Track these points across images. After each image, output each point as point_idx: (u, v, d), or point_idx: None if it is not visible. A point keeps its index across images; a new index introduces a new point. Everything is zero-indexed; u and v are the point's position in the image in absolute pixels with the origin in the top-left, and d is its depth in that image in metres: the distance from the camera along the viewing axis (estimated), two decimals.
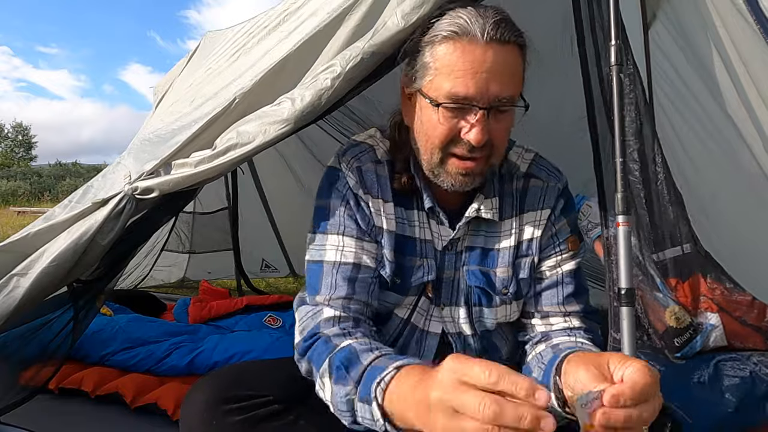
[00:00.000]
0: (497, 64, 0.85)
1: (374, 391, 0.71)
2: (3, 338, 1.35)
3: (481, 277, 1.00)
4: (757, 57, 1.11)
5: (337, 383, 0.79)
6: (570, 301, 1.00)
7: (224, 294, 3.02)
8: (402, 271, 1.00)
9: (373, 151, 1.03)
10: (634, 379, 0.61)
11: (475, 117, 0.86)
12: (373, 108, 2.26)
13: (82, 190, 1.38)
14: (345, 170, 1.00)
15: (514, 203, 1.03)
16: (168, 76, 2.13)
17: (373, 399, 0.71)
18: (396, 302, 1.01)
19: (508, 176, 1.04)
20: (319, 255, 0.97)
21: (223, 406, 0.87)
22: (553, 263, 1.01)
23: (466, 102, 0.85)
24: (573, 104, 1.45)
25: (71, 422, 1.66)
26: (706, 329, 0.98)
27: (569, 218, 1.04)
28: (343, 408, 0.77)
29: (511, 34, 0.86)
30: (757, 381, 0.92)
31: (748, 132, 1.26)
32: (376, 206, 0.99)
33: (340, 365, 0.79)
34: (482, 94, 0.85)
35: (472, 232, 1.02)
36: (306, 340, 0.91)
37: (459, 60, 0.85)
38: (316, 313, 0.93)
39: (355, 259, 0.95)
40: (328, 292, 0.94)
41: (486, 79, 0.84)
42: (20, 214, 11.95)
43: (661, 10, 1.47)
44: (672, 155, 1.49)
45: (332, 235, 0.97)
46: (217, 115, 1.22)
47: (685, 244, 1.01)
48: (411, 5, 1.00)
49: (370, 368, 0.76)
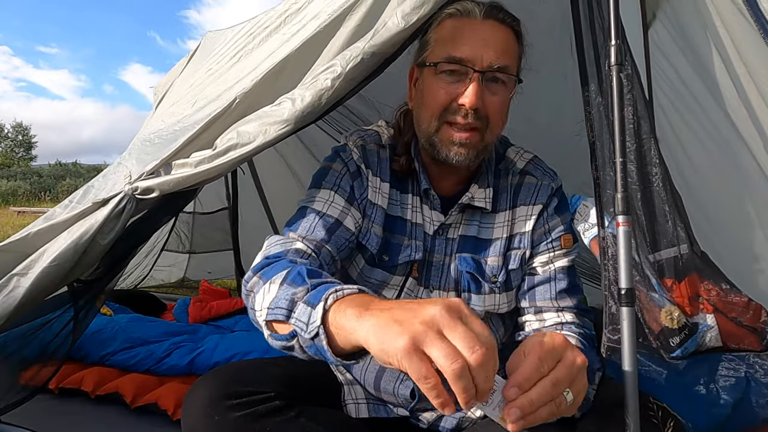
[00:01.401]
0: (493, 35, 0.94)
1: (327, 296, 0.66)
2: (3, 338, 1.35)
3: (471, 263, 1.03)
4: (757, 57, 1.11)
5: (286, 285, 0.74)
6: (563, 296, 1.01)
7: (224, 294, 3.02)
8: (389, 248, 1.03)
9: (378, 135, 1.09)
10: (519, 365, 0.64)
11: (470, 80, 0.92)
12: (373, 108, 2.26)
13: (83, 190, 1.38)
14: (351, 145, 1.06)
15: (508, 197, 1.06)
16: (168, 76, 2.13)
17: (320, 301, 0.66)
18: (383, 280, 1.04)
19: (505, 171, 1.08)
20: (307, 203, 1.01)
21: (225, 401, 0.87)
22: (545, 259, 1.04)
23: (462, 64, 0.92)
24: (572, 106, 1.45)
25: (71, 422, 1.66)
26: (701, 330, 0.98)
27: (562, 217, 1.06)
28: (281, 305, 0.71)
29: (506, 17, 0.96)
30: (752, 381, 0.93)
31: (748, 132, 1.26)
32: (374, 183, 1.04)
33: (301, 272, 0.75)
34: (477, 57, 0.92)
35: (466, 222, 1.06)
36: (267, 258, 0.87)
37: (458, 30, 0.95)
38: (286, 242, 0.92)
39: (339, 216, 0.99)
40: (305, 232, 0.95)
41: (481, 46, 0.92)
42: (20, 214, 11.95)
43: (661, 10, 1.47)
44: (671, 155, 1.49)
45: (325, 189, 1.02)
46: (217, 115, 1.22)
47: (682, 244, 1.01)
48: (411, 5, 1.01)
49: (331, 282, 0.71)
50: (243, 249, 3.55)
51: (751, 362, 0.95)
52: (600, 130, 1.00)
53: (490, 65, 0.92)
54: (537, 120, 1.82)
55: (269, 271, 0.81)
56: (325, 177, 1.03)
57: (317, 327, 0.65)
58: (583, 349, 0.91)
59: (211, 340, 2.11)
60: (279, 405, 0.89)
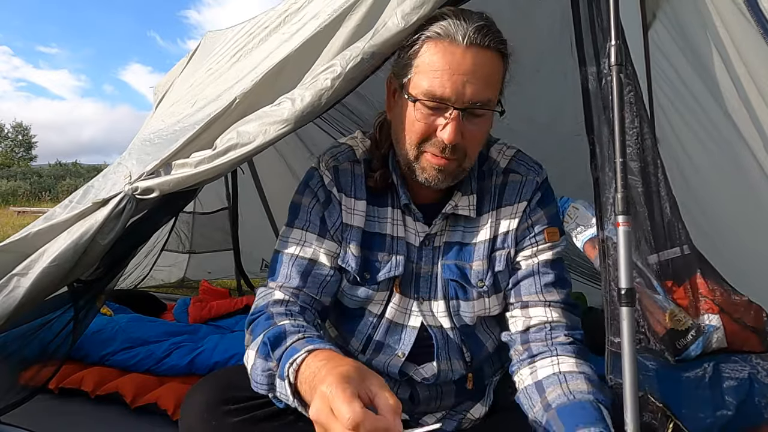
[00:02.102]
0: (475, 66, 0.88)
1: (287, 371, 0.75)
2: (3, 338, 1.35)
3: (456, 270, 1.02)
4: (757, 57, 1.11)
5: (260, 357, 0.83)
6: (549, 290, 1.00)
7: (224, 294, 3.03)
8: (369, 266, 1.03)
9: (351, 150, 1.08)
10: None
11: (450, 116, 0.89)
12: (372, 108, 2.26)
13: (83, 190, 1.38)
14: (322, 169, 1.05)
15: (492, 199, 1.04)
16: (168, 76, 2.13)
17: (285, 377, 0.75)
18: (367, 297, 1.03)
19: (488, 173, 1.06)
20: (282, 246, 1.03)
21: (223, 406, 0.87)
22: (529, 253, 1.02)
23: (442, 101, 0.89)
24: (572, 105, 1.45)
25: (71, 422, 1.66)
26: (708, 331, 0.97)
27: (546, 209, 1.04)
28: (263, 381, 0.81)
29: (491, 40, 0.89)
30: (755, 383, 0.92)
31: (748, 132, 1.26)
32: (348, 204, 1.04)
33: (267, 341, 0.83)
34: (458, 95, 0.88)
35: (450, 228, 1.04)
36: (253, 314, 0.95)
37: (438, 60, 0.89)
38: (267, 294, 0.99)
39: (312, 255, 1.01)
40: (282, 280, 0.99)
41: (462, 82, 0.87)
42: (20, 214, 11.95)
43: (661, 10, 1.47)
44: (671, 156, 1.49)
45: (297, 229, 1.03)
46: (217, 115, 1.22)
47: (683, 245, 1.00)
48: (411, 6, 1.01)
49: (288, 349, 0.80)
50: (243, 249, 3.55)
51: (753, 363, 0.95)
52: (600, 130, 1.00)
53: (471, 102, 0.88)
54: (537, 120, 1.82)
55: (255, 330, 0.90)
56: (297, 215, 1.04)
57: (293, 401, 0.75)
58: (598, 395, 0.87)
59: (211, 340, 2.11)
60: (277, 409, 0.89)
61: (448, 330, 1.03)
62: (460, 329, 1.04)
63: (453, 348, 1.04)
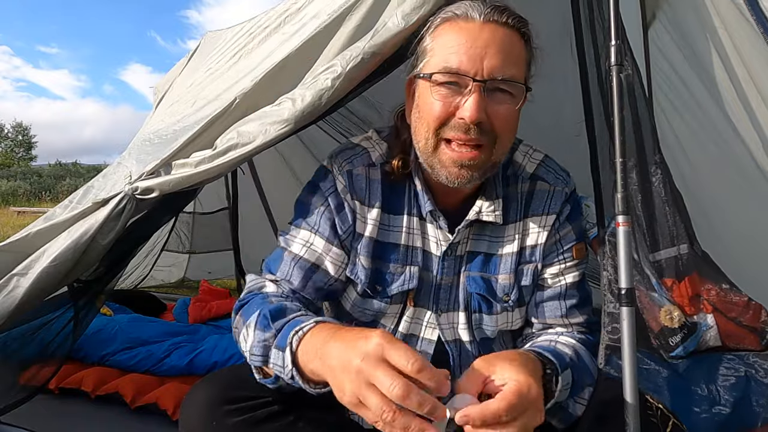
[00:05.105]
0: (494, 40, 0.82)
1: (290, 339, 0.74)
2: (3, 338, 1.35)
3: (481, 283, 0.97)
4: (757, 57, 1.11)
5: (258, 329, 0.81)
6: (573, 312, 0.98)
7: (224, 294, 3.02)
8: (381, 279, 0.98)
9: (367, 154, 1.00)
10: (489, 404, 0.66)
11: (470, 91, 0.82)
12: (373, 110, 2.26)
13: (83, 190, 1.38)
14: (336, 172, 0.98)
15: (518, 207, 0.99)
16: (168, 75, 2.13)
17: (287, 345, 0.74)
18: (379, 310, 0.99)
19: (513, 178, 1.00)
20: (286, 243, 0.99)
21: (223, 406, 0.87)
22: (556, 271, 0.99)
23: (460, 75, 0.82)
24: (572, 106, 1.45)
25: (71, 422, 1.66)
26: (701, 329, 0.97)
27: (574, 225, 1.00)
28: (257, 352, 0.80)
29: (510, 18, 0.84)
30: (752, 381, 0.92)
31: (748, 132, 1.26)
32: (362, 212, 0.97)
33: (267, 314, 0.82)
34: (476, 66, 0.81)
35: (474, 237, 0.99)
36: (243, 299, 0.94)
37: (455, 37, 0.84)
38: (260, 282, 0.97)
39: (316, 260, 0.97)
40: (281, 276, 0.97)
41: (480, 53, 0.81)
42: (20, 214, 11.95)
43: (661, 10, 1.47)
44: (671, 155, 1.49)
45: (305, 230, 0.98)
46: (217, 115, 1.22)
47: (682, 244, 1.00)
48: (411, 6, 1.01)
49: (292, 320, 0.79)
50: (243, 249, 3.55)
51: (751, 362, 0.95)
52: (600, 130, 1.00)
53: (492, 75, 0.81)
54: (537, 120, 1.82)
55: (247, 310, 0.88)
56: (305, 216, 0.98)
57: (291, 370, 0.74)
58: (576, 361, 0.89)
59: (211, 341, 2.11)
60: (277, 410, 0.89)
61: (467, 343, 1.00)
62: (480, 342, 1.01)
63: (469, 362, 1.03)
